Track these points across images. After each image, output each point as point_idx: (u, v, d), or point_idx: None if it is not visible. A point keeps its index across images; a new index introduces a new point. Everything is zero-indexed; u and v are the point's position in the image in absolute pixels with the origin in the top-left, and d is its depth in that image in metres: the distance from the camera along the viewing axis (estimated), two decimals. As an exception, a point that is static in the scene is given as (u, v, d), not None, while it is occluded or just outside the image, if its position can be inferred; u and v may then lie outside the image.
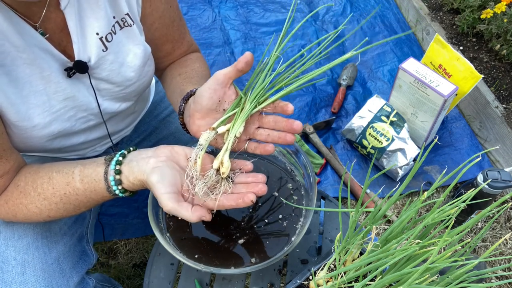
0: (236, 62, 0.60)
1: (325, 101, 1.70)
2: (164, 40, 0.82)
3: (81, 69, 0.68)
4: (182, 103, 0.71)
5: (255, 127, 0.66)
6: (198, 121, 0.66)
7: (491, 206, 0.51)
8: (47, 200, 0.68)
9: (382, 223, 0.60)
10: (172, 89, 0.81)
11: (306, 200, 0.79)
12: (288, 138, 0.64)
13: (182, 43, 0.86)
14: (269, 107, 0.65)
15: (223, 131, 0.64)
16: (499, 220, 1.38)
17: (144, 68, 0.77)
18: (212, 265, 0.70)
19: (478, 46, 1.73)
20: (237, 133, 0.63)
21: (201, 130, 0.66)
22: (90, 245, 0.87)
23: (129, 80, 0.76)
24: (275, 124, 0.65)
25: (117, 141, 0.94)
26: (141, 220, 1.36)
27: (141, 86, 0.80)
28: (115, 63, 0.73)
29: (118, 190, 0.66)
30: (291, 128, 0.63)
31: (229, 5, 2.05)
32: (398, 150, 1.41)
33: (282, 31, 0.64)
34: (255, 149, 0.66)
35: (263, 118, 0.66)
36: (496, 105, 1.51)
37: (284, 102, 0.64)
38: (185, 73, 0.82)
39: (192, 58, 0.88)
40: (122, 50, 0.73)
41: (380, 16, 2.01)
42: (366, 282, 0.52)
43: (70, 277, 0.77)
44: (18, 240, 0.75)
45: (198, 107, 0.65)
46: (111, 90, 0.76)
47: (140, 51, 0.75)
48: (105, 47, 0.70)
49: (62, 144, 0.76)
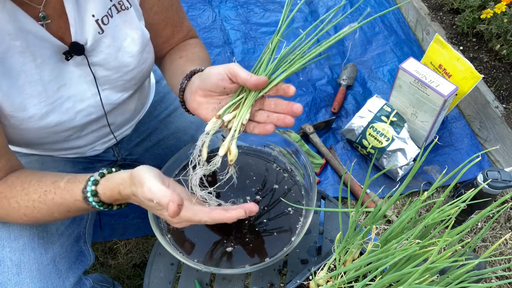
0: (252, 76, 0.61)
1: (325, 101, 1.70)
2: (163, 24, 0.82)
3: (78, 50, 0.68)
4: (184, 80, 0.72)
5: (256, 109, 0.67)
6: (200, 98, 0.67)
7: (491, 206, 0.51)
8: (28, 196, 0.67)
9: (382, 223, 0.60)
10: (172, 71, 0.82)
11: (306, 200, 0.79)
12: (287, 120, 0.64)
13: (181, 27, 0.86)
14: (271, 90, 0.66)
15: (229, 119, 0.65)
16: (499, 220, 1.38)
17: (142, 55, 0.77)
18: (212, 265, 0.70)
19: (478, 46, 1.73)
20: (244, 120, 0.64)
21: (201, 107, 0.67)
22: (87, 245, 0.87)
23: (127, 66, 0.75)
24: (276, 106, 0.66)
25: (117, 141, 0.94)
26: (141, 220, 1.36)
27: (140, 73, 0.79)
28: (112, 47, 0.72)
29: (90, 192, 0.65)
30: (291, 110, 0.64)
31: (229, 5, 2.05)
32: (398, 150, 1.41)
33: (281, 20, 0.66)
34: (253, 129, 0.67)
35: (264, 100, 0.67)
36: (496, 105, 1.50)
37: (286, 84, 0.65)
38: (186, 56, 0.82)
39: (191, 43, 0.88)
40: (119, 34, 0.72)
41: (380, 16, 2.01)
42: (366, 282, 0.52)
43: (66, 277, 0.77)
44: (14, 241, 0.74)
45: (203, 85, 0.66)
46: (109, 77, 0.75)
47: (137, 36, 0.74)
48: (101, 30, 0.70)
49: (61, 139, 0.76)
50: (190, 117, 1.01)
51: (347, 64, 1.78)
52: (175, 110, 1.02)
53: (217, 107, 0.67)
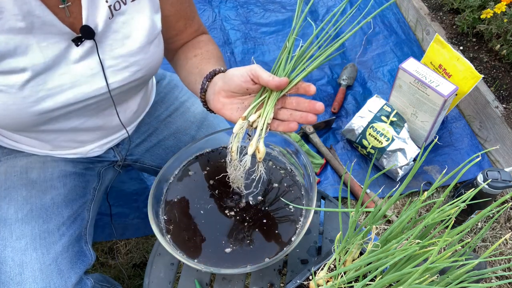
0: (274, 78, 0.64)
1: (325, 101, 1.70)
2: (177, 16, 0.83)
3: (88, 34, 0.68)
4: (205, 81, 0.74)
5: (278, 107, 0.69)
6: (223, 99, 0.70)
7: (491, 206, 0.51)
8: None
9: (382, 223, 0.60)
10: (188, 69, 0.84)
11: (306, 200, 0.79)
12: (309, 118, 0.67)
13: (193, 21, 0.88)
14: (292, 89, 0.68)
15: (254, 119, 0.68)
16: (499, 220, 1.38)
17: (150, 47, 0.76)
18: (212, 265, 0.70)
19: (478, 46, 1.73)
20: (269, 119, 0.67)
21: (225, 108, 0.70)
22: (88, 245, 0.87)
23: (133, 55, 0.75)
24: (297, 105, 0.68)
25: (118, 142, 0.94)
26: (141, 220, 1.36)
27: (147, 66, 0.78)
28: (119, 33, 0.72)
29: None
30: (314, 108, 0.66)
31: (229, 5, 2.04)
32: (398, 150, 1.41)
33: (282, 30, 0.67)
34: (277, 127, 0.69)
35: (286, 99, 0.69)
36: (496, 105, 1.51)
37: (306, 83, 0.67)
38: (201, 55, 0.84)
39: (204, 40, 0.89)
40: (128, 22, 0.72)
41: (380, 16, 2.01)
42: (366, 282, 0.52)
43: (68, 277, 0.77)
44: (16, 241, 0.75)
45: (226, 87, 0.69)
46: (116, 66, 0.74)
47: (147, 26, 0.74)
48: (112, 15, 0.69)
49: (57, 127, 0.75)
50: (191, 118, 1.01)
51: (347, 64, 1.78)
52: (176, 111, 1.02)
53: (240, 107, 0.70)
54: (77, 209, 0.86)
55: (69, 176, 0.87)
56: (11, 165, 0.84)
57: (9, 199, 0.80)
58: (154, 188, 0.77)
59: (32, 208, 0.79)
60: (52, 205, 0.82)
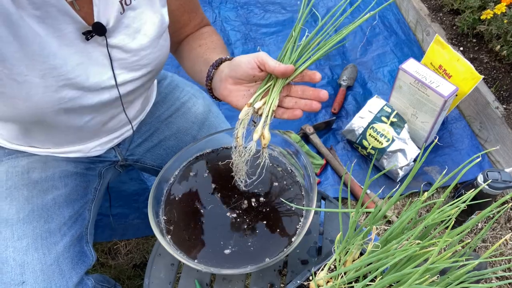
0: (280, 65, 0.65)
1: (325, 102, 1.70)
2: (182, 10, 0.85)
3: (99, 31, 0.67)
4: (212, 69, 0.76)
5: (283, 95, 0.70)
6: (230, 86, 0.71)
7: (491, 206, 0.51)
8: None
9: (382, 224, 0.60)
10: (192, 59, 0.85)
11: (306, 200, 0.79)
12: (314, 106, 0.68)
13: (197, 14, 0.89)
14: (297, 77, 0.69)
15: (259, 106, 0.69)
16: (499, 220, 1.38)
17: (159, 41, 0.77)
18: (212, 265, 0.70)
19: (478, 47, 1.73)
20: (274, 106, 0.68)
21: (232, 95, 0.71)
22: (89, 245, 0.87)
23: (144, 49, 0.75)
24: (302, 93, 0.69)
25: (119, 141, 0.94)
26: (141, 220, 1.36)
27: (156, 60, 0.78)
28: (130, 28, 0.72)
29: None
30: (318, 96, 0.68)
31: (229, 6, 2.05)
32: (398, 150, 1.41)
33: (282, 31, 0.68)
34: (282, 114, 0.70)
35: (291, 87, 0.70)
36: (496, 106, 1.51)
37: (311, 71, 0.68)
38: (205, 45, 0.85)
39: (208, 32, 0.90)
40: (139, 17, 0.72)
41: (380, 16, 2.01)
42: (367, 282, 0.52)
43: (69, 278, 0.77)
44: (18, 241, 0.75)
45: (233, 74, 0.70)
46: (126, 60, 0.74)
47: (157, 20, 0.75)
48: (123, 10, 0.69)
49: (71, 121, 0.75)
50: (192, 118, 1.01)
51: (347, 65, 1.78)
52: (177, 111, 1.02)
53: (246, 94, 0.71)
54: (79, 209, 0.86)
55: (71, 176, 0.87)
56: (13, 165, 0.84)
57: (11, 199, 0.80)
58: (154, 189, 0.77)
59: (34, 208, 0.79)
60: (53, 205, 0.82)
